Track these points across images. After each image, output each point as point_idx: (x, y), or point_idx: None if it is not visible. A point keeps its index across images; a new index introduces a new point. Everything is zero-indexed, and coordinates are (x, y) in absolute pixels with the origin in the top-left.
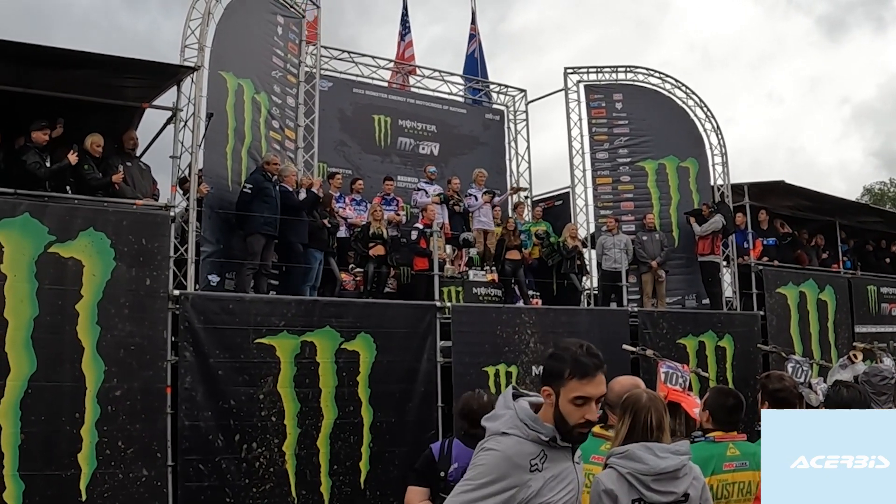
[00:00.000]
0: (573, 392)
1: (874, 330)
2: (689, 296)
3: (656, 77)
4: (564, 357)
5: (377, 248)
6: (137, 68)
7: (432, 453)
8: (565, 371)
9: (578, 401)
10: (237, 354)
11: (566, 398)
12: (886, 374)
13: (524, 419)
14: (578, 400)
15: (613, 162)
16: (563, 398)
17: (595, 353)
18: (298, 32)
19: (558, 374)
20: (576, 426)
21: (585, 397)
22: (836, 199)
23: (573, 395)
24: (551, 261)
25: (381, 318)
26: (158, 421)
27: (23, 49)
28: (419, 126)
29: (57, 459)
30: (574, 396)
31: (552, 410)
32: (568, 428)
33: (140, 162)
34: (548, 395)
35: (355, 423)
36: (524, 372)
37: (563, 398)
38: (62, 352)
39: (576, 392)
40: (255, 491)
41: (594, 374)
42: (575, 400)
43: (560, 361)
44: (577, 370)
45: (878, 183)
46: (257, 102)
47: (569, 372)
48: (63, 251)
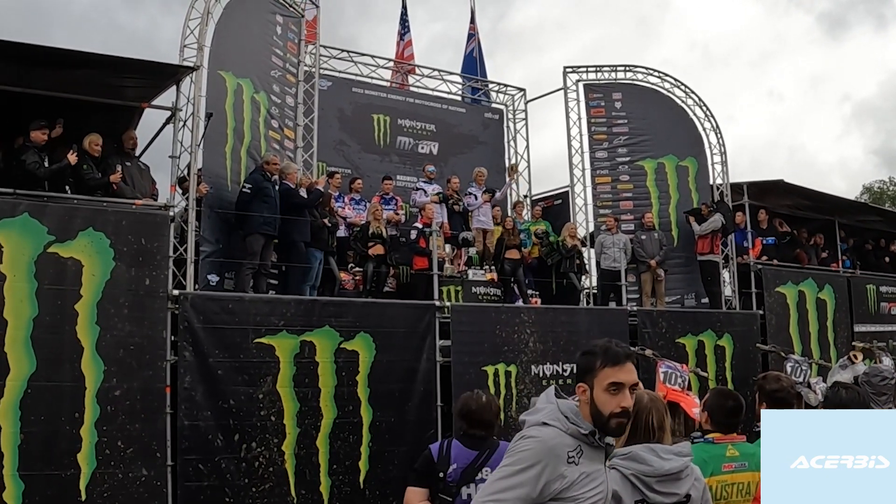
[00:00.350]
0: (607, 379)
1: (873, 329)
2: (688, 295)
3: (655, 76)
4: (595, 350)
5: (376, 247)
6: (137, 68)
7: (431, 454)
8: (597, 362)
9: (612, 388)
10: (236, 354)
11: (600, 388)
12: (886, 375)
13: (565, 412)
14: (612, 387)
15: (612, 161)
16: (597, 389)
17: (623, 344)
18: (298, 32)
19: (590, 367)
20: (611, 415)
21: (619, 383)
22: (836, 198)
23: (607, 382)
24: (550, 260)
25: (381, 318)
26: (158, 421)
27: (22, 49)
28: (418, 125)
29: (57, 459)
30: (608, 384)
31: (588, 407)
32: (604, 419)
33: (139, 162)
34: (583, 391)
35: (354, 422)
36: (523, 371)
37: (598, 389)
38: (62, 352)
39: (609, 378)
40: (255, 490)
41: (624, 362)
42: (609, 387)
43: (591, 355)
44: (608, 359)
45: (878, 182)
46: (256, 102)
47: (600, 362)
48: (62, 251)
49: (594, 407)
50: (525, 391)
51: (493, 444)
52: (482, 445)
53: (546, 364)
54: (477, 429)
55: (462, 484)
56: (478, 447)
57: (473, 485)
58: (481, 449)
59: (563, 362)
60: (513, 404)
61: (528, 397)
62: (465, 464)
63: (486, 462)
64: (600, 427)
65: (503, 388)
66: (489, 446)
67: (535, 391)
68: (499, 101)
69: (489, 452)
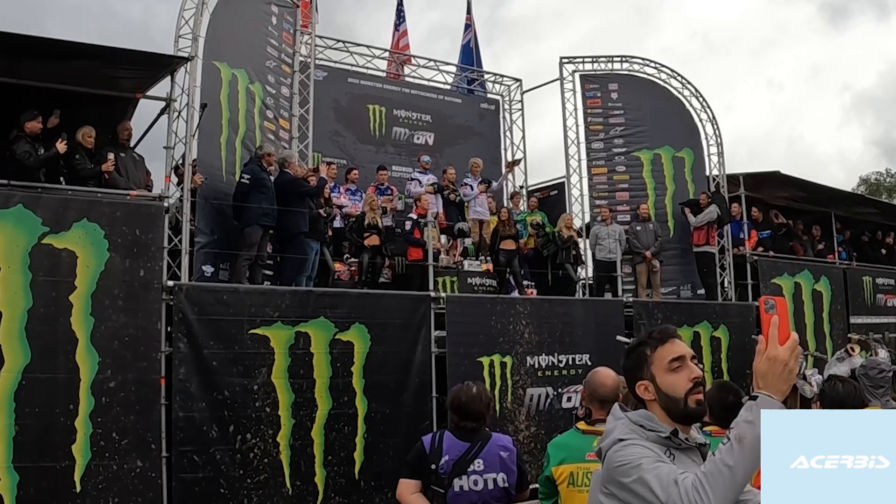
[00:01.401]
0: (665, 358)
1: (869, 321)
2: (684, 286)
3: (652, 67)
4: (639, 341)
5: (372, 238)
6: (131, 59)
7: (423, 445)
8: (647, 350)
9: (675, 363)
10: (231, 345)
11: (663, 371)
12: (884, 367)
13: (638, 421)
14: (675, 363)
15: (609, 152)
16: (660, 375)
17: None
18: (293, 22)
19: (643, 358)
20: (688, 394)
21: (680, 356)
22: (832, 189)
23: (667, 360)
24: (546, 251)
25: (376, 309)
26: (152, 412)
27: (16, 40)
28: (414, 116)
29: (51, 451)
30: (669, 361)
31: (658, 401)
32: (681, 403)
33: (134, 153)
34: (645, 388)
35: (350, 413)
36: (518, 362)
37: (661, 374)
38: (56, 343)
39: (668, 356)
40: (250, 482)
41: (675, 335)
42: (672, 365)
43: (638, 347)
44: (657, 339)
45: (874, 173)
46: (251, 92)
47: (650, 347)
48: (57, 242)
49: (665, 397)
50: (520, 382)
51: (485, 435)
52: (474, 437)
53: (541, 355)
54: (468, 420)
55: (454, 476)
56: (469, 439)
57: (466, 476)
58: (473, 440)
59: (559, 353)
60: (508, 395)
61: (524, 389)
62: (456, 455)
63: (479, 454)
64: (682, 416)
65: (498, 379)
66: (481, 438)
67: (530, 382)
68: (495, 91)
69: (481, 444)
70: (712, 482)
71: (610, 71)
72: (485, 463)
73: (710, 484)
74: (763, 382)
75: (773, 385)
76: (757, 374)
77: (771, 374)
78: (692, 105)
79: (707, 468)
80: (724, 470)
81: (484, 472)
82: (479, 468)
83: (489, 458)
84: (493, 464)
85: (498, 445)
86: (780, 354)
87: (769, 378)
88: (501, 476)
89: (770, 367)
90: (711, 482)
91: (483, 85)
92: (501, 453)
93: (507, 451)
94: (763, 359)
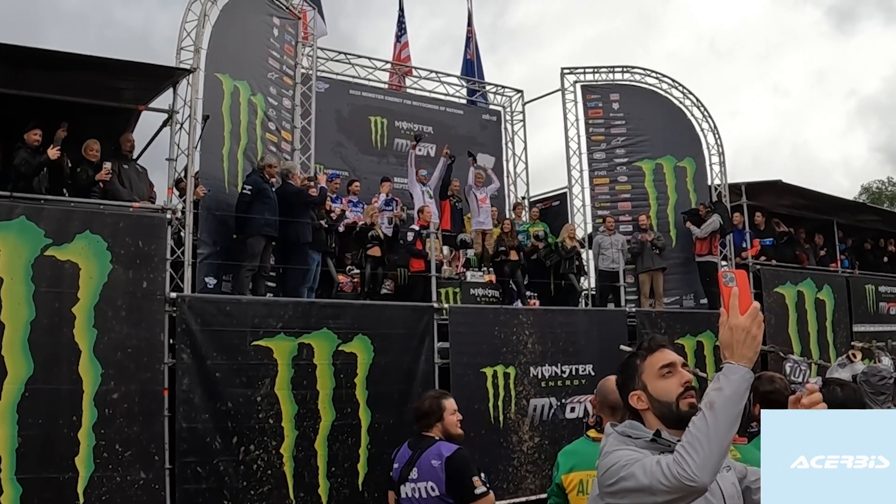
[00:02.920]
0: (655, 366)
1: (873, 329)
2: (686, 296)
3: (653, 77)
4: (629, 354)
5: (374, 249)
6: (133, 70)
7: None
8: (637, 359)
9: (665, 370)
10: (234, 356)
11: (654, 379)
12: (885, 374)
13: (624, 431)
14: (665, 369)
15: (610, 162)
16: (651, 383)
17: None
18: (294, 34)
19: (634, 368)
20: (679, 398)
21: (670, 363)
22: (834, 198)
23: (657, 367)
24: (549, 261)
25: (379, 320)
26: (156, 423)
27: (19, 52)
28: (415, 127)
29: (54, 462)
30: (659, 368)
31: (652, 408)
32: (674, 407)
33: (136, 164)
34: (638, 397)
35: (353, 424)
36: (522, 373)
37: (652, 381)
38: (59, 355)
39: (658, 363)
40: (253, 493)
41: (664, 345)
42: (662, 371)
43: (629, 359)
44: (646, 349)
45: (876, 181)
46: (253, 104)
47: (640, 357)
48: (59, 254)
49: (658, 403)
50: (524, 392)
51: (427, 443)
52: (418, 445)
53: (545, 365)
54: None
55: (400, 483)
56: (414, 447)
57: (407, 483)
58: (416, 449)
59: (562, 364)
60: (511, 406)
61: (527, 399)
62: (402, 463)
63: (415, 462)
64: (675, 420)
65: (502, 389)
66: (422, 446)
67: (533, 393)
68: (496, 102)
69: (419, 452)
70: (690, 450)
71: (611, 81)
72: (418, 471)
73: (689, 451)
74: (728, 352)
75: (738, 352)
76: (722, 344)
77: (735, 342)
78: (694, 115)
79: (684, 439)
80: (699, 436)
81: (417, 481)
82: (414, 476)
83: (422, 467)
84: (424, 472)
85: (433, 453)
86: (740, 322)
87: (733, 346)
88: (430, 484)
89: (732, 335)
90: (689, 450)
91: (485, 96)
92: (433, 462)
93: (438, 459)
94: (725, 329)
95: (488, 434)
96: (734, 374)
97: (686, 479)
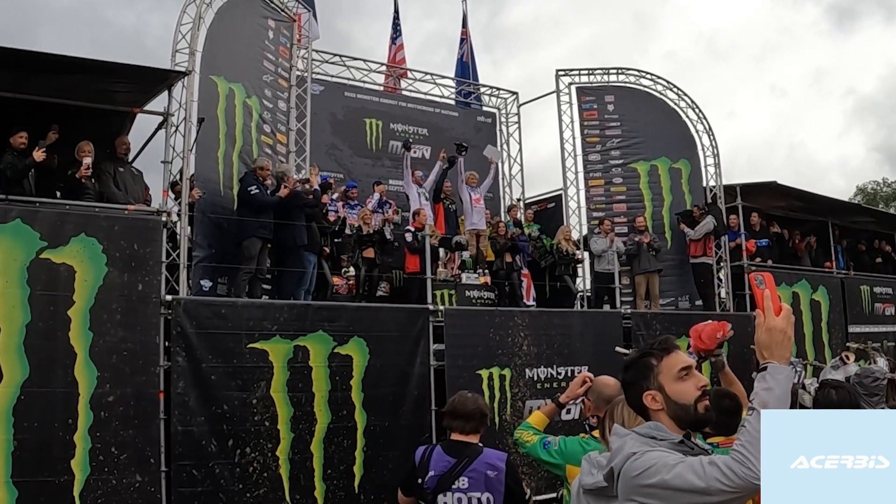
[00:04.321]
0: (674, 367)
1: (868, 330)
2: (681, 297)
3: (648, 79)
4: (642, 352)
5: (368, 250)
6: (128, 73)
7: (414, 459)
8: (653, 360)
9: (683, 372)
10: (230, 359)
11: (672, 380)
12: (878, 376)
13: (648, 433)
14: (683, 371)
15: (606, 164)
16: (668, 385)
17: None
18: (289, 36)
19: (649, 368)
20: (697, 401)
21: (688, 365)
22: (829, 199)
23: (676, 369)
24: (544, 262)
25: (374, 322)
26: (151, 426)
27: (13, 54)
28: (410, 129)
29: (50, 466)
30: (678, 371)
31: (666, 410)
32: (691, 410)
33: (132, 167)
34: (653, 398)
35: (349, 427)
36: (517, 375)
37: (669, 383)
38: (55, 358)
39: (677, 365)
40: (249, 496)
41: (677, 346)
42: (680, 374)
43: (643, 357)
44: (662, 349)
45: (871, 182)
46: (248, 107)
47: (656, 357)
48: (55, 257)
49: (675, 405)
50: (519, 395)
51: (475, 451)
52: (462, 452)
53: (540, 367)
54: (457, 420)
55: (438, 492)
56: (457, 454)
57: (450, 493)
58: (460, 456)
59: (558, 365)
60: (507, 408)
61: (523, 401)
62: (441, 471)
63: (464, 471)
64: (691, 423)
65: (497, 391)
66: (469, 454)
67: (529, 395)
68: (491, 104)
69: (468, 461)
70: (752, 450)
71: (606, 83)
72: (469, 481)
73: (749, 450)
74: (768, 353)
75: (777, 353)
76: (760, 345)
77: (774, 344)
78: (688, 116)
79: (743, 440)
80: (758, 436)
81: (468, 491)
82: (463, 486)
83: (474, 476)
84: (478, 482)
85: (486, 463)
86: (778, 324)
87: (773, 347)
88: (487, 496)
89: (771, 336)
90: (750, 448)
91: (479, 98)
92: (489, 472)
93: (494, 469)
94: (763, 330)
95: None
96: (780, 374)
97: (752, 479)
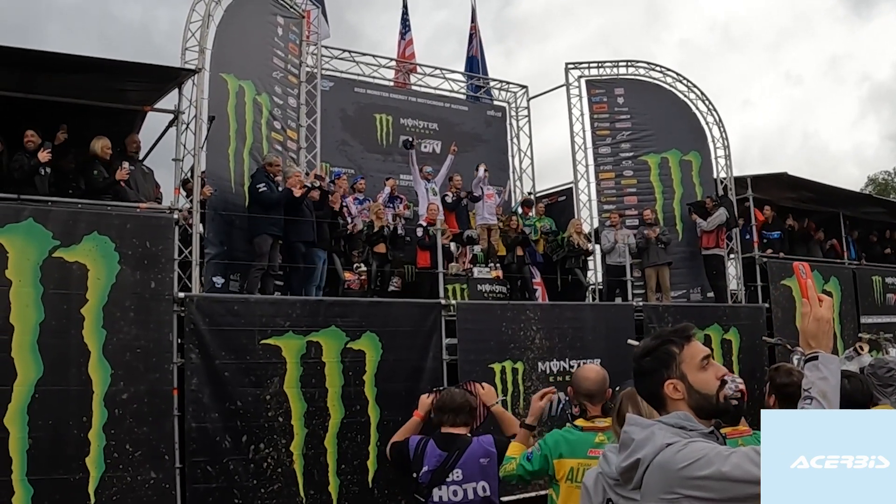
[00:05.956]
0: (696, 356)
1: (880, 320)
2: (693, 289)
3: (657, 71)
4: (662, 340)
5: (379, 245)
6: (138, 72)
7: (408, 447)
8: (674, 347)
9: (704, 361)
10: (243, 356)
11: (695, 370)
12: (892, 366)
13: (678, 423)
14: (704, 361)
15: (616, 157)
16: (691, 373)
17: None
18: (298, 33)
19: (671, 357)
20: (719, 391)
21: (708, 354)
22: (840, 190)
23: (698, 358)
24: (556, 256)
25: (386, 317)
26: (165, 423)
27: (24, 54)
28: (421, 124)
29: (65, 463)
30: (700, 359)
31: (688, 400)
32: (713, 401)
33: (143, 165)
34: (675, 387)
35: (362, 422)
36: (530, 368)
37: (692, 372)
38: (68, 356)
39: (699, 354)
40: (263, 492)
41: (694, 333)
42: (702, 363)
43: (664, 345)
44: (683, 337)
45: (883, 173)
46: (258, 103)
47: (678, 346)
48: (67, 255)
49: (697, 395)
50: (532, 388)
51: (465, 442)
52: (452, 445)
53: (553, 360)
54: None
55: (433, 486)
56: (448, 448)
57: (444, 486)
58: (451, 450)
59: (570, 358)
60: (520, 401)
61: None
62: (435, 465)
63: (457, 463)
64: (713, 413)
65: (510, 385)
66: (459, 446)
67: (541, 388)
68: (501, 98)
69: (458, 453)
70: None
71: (615, 76)
72: (463, 472)
73: None
74: (815, 342)
75: (824, 343)
76: (807, 334)
77: (821, 333)
78: (699, 108)
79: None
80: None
81: (463, 482)
82: (457, 478)
83: (468, 467)
84: (472, 472)
85: (478, 452)
86: (824, 314)
87: (820, 337)
88: (482, 485)
89: (819, 326)
90: None
91: (489, 92)
92: (482, 460)
93: (487, 457)
94: (811, 319)
95: (497, 430)
96: (831, 364)
97: None
